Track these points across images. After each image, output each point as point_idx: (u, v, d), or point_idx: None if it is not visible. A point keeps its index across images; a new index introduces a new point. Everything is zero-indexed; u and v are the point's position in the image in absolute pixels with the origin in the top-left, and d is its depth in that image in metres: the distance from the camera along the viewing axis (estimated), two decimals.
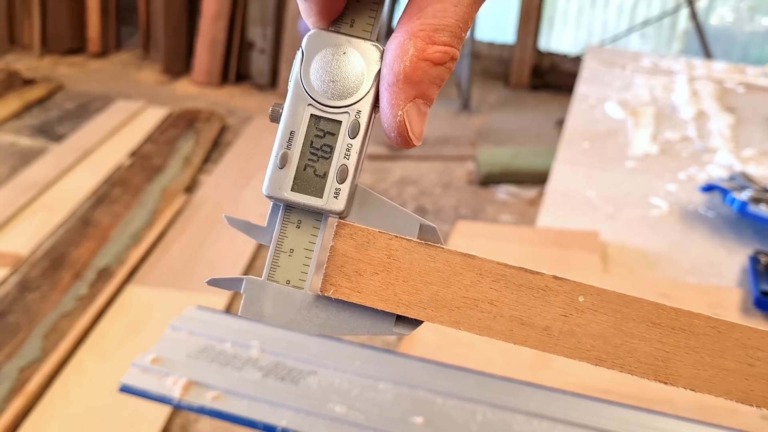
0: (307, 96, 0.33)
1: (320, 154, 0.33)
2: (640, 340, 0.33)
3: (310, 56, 0.33)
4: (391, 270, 0.34)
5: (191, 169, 2.72)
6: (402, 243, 0.34)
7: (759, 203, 1.00)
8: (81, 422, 1.55)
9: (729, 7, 4.02)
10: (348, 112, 0.33)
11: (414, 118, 0.32)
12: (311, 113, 0.33)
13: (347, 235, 0.34)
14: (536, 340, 0.34)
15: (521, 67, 4.09)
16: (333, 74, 0.33)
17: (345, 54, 0.33)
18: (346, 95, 0.33)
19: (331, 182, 0.33)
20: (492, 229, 1.42)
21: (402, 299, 0.34)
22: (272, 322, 0.35)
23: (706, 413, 0.69)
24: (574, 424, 0.56)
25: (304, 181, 0.33)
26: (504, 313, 0.34)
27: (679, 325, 0.33)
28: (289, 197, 0.33)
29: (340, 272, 0.34)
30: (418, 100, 0.32)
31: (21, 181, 2.52)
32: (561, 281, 0.33)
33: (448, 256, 0.34)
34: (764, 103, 1.66)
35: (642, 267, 0.97)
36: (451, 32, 0.31)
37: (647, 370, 0.34)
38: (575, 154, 1.31)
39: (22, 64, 3.78)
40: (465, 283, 0.34)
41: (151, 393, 0.56)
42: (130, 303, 1.95)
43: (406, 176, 2.95)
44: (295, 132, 0.33)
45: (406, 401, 0.56)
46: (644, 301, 0.33)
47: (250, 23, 3.68)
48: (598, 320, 0.33)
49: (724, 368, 0.33)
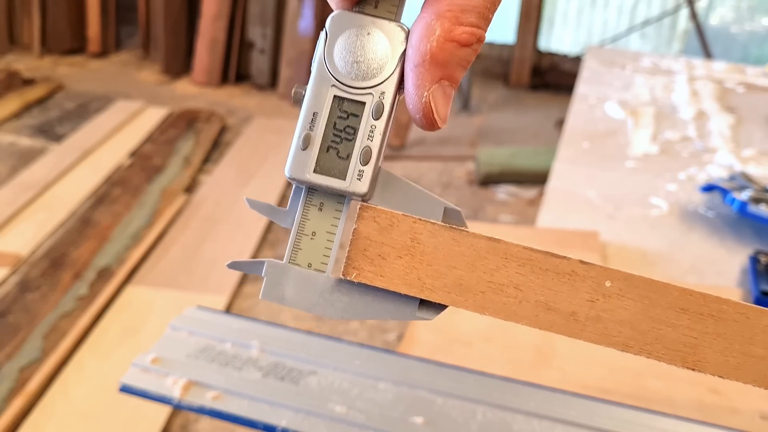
0: (331, 77, 0.32)
1: (343, 136, 0.33)
2: (667, 326, 0.33)
3: (334, 37, 0.32)
4: (414, 254, 0.33)
5: (191, 169, 2.72)
6: (426, 226, 0.33)
7: (759, 203, 1.00)
8: (81, 422, 1.55)
9: (729, 6, 4.02)
10: (372, 93, 0.32)
11: (440, 99, 0.32)
12: (335, 94, 0.33)
13: (370, 217, 0.33)
14: (562, 326, 0.33)
15: (521, 66, 4.09)
16: (357, 55, 0.32)
17: (369, 35, 0.32)
18: (370, 76, 0.32)
19: (354, 164, 0.33)
20: (492, 228, 1.42)
21: (426, 283, 0.33)
22: (294, 305, 0.34)
23: (705, 413, 0.69)
24: (573, 424, 0.56)
25: (327, 163, 0.33)
26: (530, 299, 0.33)
27: (708, 311, 0.32)
28: (312, 179, 0.33)
29: (363, 255, 0.34)
30: (444, 82, 0.31)
31: (21, 181, 2.52)
32: (588, 266, 0.33)
33: (473, 240, 0.33)
34: (764, 102, 1.66)
35: (642, 267, 0.97)
36: (479, 13, 0.31)
37: (675, 357, 0.33)
38: (575, 153, 1.31)
39: (22, 64, 3.78)
40: (490, 267, 0.33)
41: (151, 393, 0.56)
42: (130, 303, 1.95)
43: (406, 176, 2.95)
44: (318, 113, 0.33)
45: (406, 401, 0.56)
46: (672, 286, 0.33)
47: (249, 23, 3.68)
48: (625, 306, 0.33)
49: (753, 355, 0.32)
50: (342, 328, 2.00)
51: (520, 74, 4.10)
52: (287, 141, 3.12)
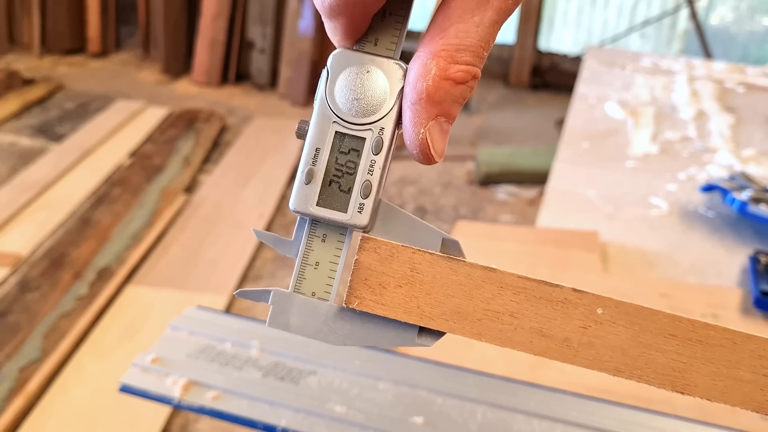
0: (332, 114, 0.34)
1: (345, 170, 0.34)
2: (657, 352, 0.34)
3: (335, 75, 0.34)
4: (414, 283, 0.35)
5: (191, 168, 2.72)
6: (425, 256, 0.34)
7: (759, 203, 1.00)
8: (81, 422, 1.55)
9: (729, 6, 4.02)
10: (372, 129, 0.34)
11: (436, 136, 0.33)
12: (336, 130, 0.34)
13: (371, 248, 0.35)
14: (556, 352, 0.34)
15: (521, 66, 4.10)
16: (357, 92, 0.34)
17: (369, 72, 0.34)
18: (369, 113, 0.34)
19: (355, 197, 0.34)
20: (492, 228, 1.42)
21: (425, 311, 0.35)
22: (298, 332, 0.36)
23: (705, 413, 0.69)
24: (573, 424, 0.56)
25: (329, 197, 0.34)
26: (524, 325, 0.34)
27: (696, 336, 0.34)
28: (315, 212, 0.34)
29: (365, 285, 0.35)
30: (441, 119, 0.32)
31: (21, 181, 2.52)
32: (580, 294, 0.34)
33: (469, 270, 0.34)
34: (764, 103, 1.66)
35: (642, 267, 0.97)
36: (473, 52, 0.32)
37: (665, 381, 0.34)
38: (575, 153, 1.31)
39: (21, 64, 3.78)
40: (486, 296, 0.34)
41: (151, 393, 0.56)
42: (130, 303, 1.95)
43: (405, 176, 2.95)
44: (320, 149, 0.34)
45: (405, 401, 0.56)
46: (661, 313, 0.34)
47: (249, 23, 3.68)
48: (617, 332, 0.34)
49: (739, 379, 0.34)
50: None
51: (520, 74, 4.10)
52: (287, 140, 3.12)
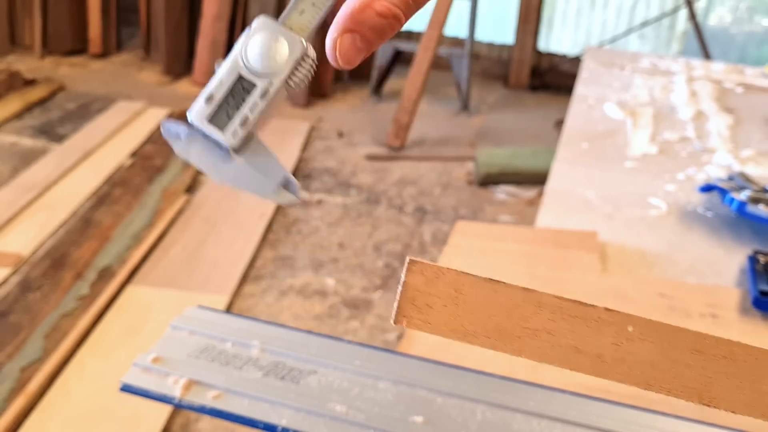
0: (241, 60, 0.42)
1: (235, 103, 0.42)
2: (684, 367, 0.36)
3: (254, 33, 0.42)
4: (458, 303, 0.37)
5: (192, 169, 2.73)
6: (469, 279, 0.37)
7: (758, 203, 1.00)
8: (82, 422, 1.55)
9: (727, 7, 4.02)
10: (264, 80, 0.42)
11: (346, 44, 0.37)
12: (240, 73, 0.42)
13: (418, 270, 0.37)
14: (590, 367, 0.36)
15: (520, 67, 4.10)
16: (263, 52, 0.42)
17: (277, 42, 0.42)
18: (266, 69, 0.42)
19: (234, 124, 0.42)
20: (491, 229, 1.42)
21: (469, 330, 0.37)
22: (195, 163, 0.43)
23: (705, 413, 0.70)
24: (573, 424, 0.56)
25: (217, 117, 0.42)
26: (561, 342, 0.36)
27: (720, 352, 0.36)
28: (203, 126, 0.42)
29: (412, 305, 0.37)
30: (356, 35, 0.37)
31: (22, 182, 2.52)
32: (612, 313, 0.36)
33: (509, 291, 0.36)
34: (763, 103, 1.66)
35: (641, 267, 0.97)
36: None
37: (692, 394, 0.36)
38: (574, 154, 1.32)
39: (23, 65, 3.78)
40: (525, 314, 0.36)
41: (152, 392, 0.56)
42: (131, 303, 1.95)
43: (405, 176, 2.95)
44: (224, 82, 0.42)
45: (405, 400, 0.57)
46: (688, 330, 0.36)
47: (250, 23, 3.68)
48: (646, 348, 0.36)
49: (762, 392, 0.36)
50: (342, 328, 2.00)
51: (520, 75, 4.11)
52: (288, 140, 3.12)
